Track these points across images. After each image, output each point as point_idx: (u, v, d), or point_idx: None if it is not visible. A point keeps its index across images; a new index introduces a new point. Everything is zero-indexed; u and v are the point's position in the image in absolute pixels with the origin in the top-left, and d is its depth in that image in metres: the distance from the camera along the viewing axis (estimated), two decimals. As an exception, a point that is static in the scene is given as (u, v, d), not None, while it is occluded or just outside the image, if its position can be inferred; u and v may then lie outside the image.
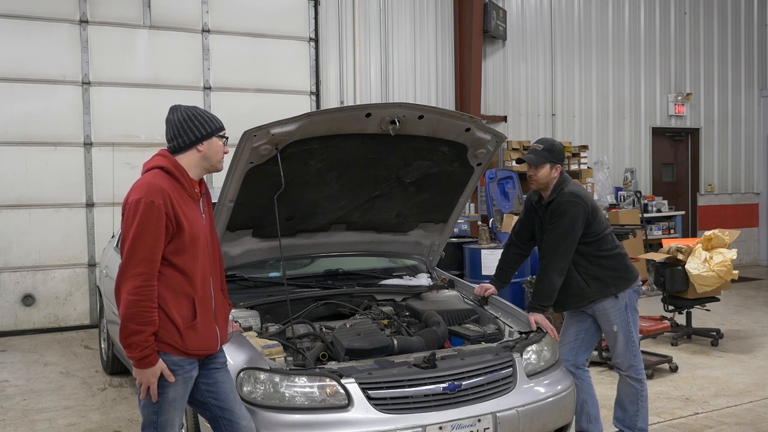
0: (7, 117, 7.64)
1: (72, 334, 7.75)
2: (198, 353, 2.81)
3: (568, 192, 3.81)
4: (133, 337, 2.61)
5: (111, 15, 8.01)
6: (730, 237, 6.53)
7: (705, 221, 12.25)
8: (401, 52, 9.69)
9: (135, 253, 2.62)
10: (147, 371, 2.67)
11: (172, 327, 2.71)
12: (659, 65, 11.86)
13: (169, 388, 2.75)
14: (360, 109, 3.59)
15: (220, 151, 2.90)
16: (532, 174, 3.84)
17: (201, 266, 2.83)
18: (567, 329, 4.13)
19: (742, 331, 7.37)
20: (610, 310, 3.91)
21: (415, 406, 3.10)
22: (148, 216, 2.64)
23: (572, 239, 3.78)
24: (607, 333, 3.99)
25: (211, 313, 2.88)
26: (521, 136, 10.51)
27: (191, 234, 2.77)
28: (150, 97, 8.08)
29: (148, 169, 2.83)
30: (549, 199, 3.87)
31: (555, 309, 4.12)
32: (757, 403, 5.11)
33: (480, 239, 7.90)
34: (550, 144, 3.89)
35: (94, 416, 4.95)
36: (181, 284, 2.75)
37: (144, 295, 2.61)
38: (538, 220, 3.98)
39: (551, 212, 3.82)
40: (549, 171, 3.83)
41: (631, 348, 3.95)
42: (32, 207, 7.78)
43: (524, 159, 3.87)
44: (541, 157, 3.82)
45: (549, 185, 3.87)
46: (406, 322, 4.01)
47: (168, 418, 2.78)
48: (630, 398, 4.01)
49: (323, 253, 4.54)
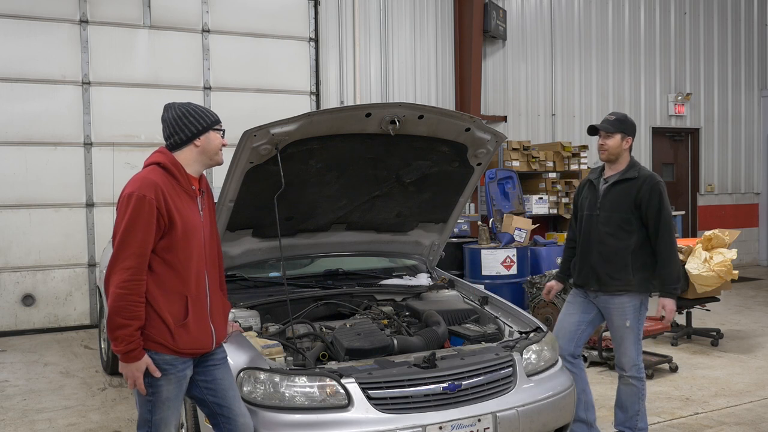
0: (7, 117, 7.64)
1: (72, 334, 7.75)
2: (190, 352, 2.79)
3: (650, 172, 3.92)
4: (118, 330, 2.61)
5: (111, 15, 8.01)
6: (730, 237, 6.53)
7: (705, 221, 12.25)
8: (401, 52, 9.70)
9: (125, 247, 2.63)
10: (132, 365, 2.66)
11: (163, 326, 2.70)
12: (659, 65, 11.86)
13: (162, 387, 2.74)
14: (360, 109, 3.59)
15: (218, 144, 2.89)
16: (603, 143, 3.90)
17: (195, 264, 2.81)
18: (568, 318, 4.09)
19: (742, 331, 7.37)
20: (628, 305, 3.89)
21: (415, 406, 3.10)
22: (139, 210, 2.64)
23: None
24: (616, 328, 3.93)
25: (206, 311, 2.85)
26: (521, 136, 10.51)
27: (185, 230, 2.75)
28: (150, 97, 8.08)
29: (145, 165, 2.83)
30: (624, 176, 3.89)
31: (576, 280, 4.08)
32: (757, 403, 5.11)
33: (480, 239, 7.91)
34: (623, 115, 3.97)
35: (94, 416, 4.95)
36: (173, 282, 2.73)
37: (131, 289, 2.61)
38: (593, 197, 3.98)
39: (650, 191, 3.81)
40: (620, 141, 3.89)
41: (638, 346, 3.96)
42: (32, 207, 7.78)
43: (597, 126, 3.93)
44: (614, 126, 3.88)
45: (618, 158, 3.92)
46: (406, 322, 4.02)
47: (162, 417, 2.77)
48: (632, 399, 3.99)
49: (323, 253, 4.54)
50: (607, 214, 3.90)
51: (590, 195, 4.03)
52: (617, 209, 3.88)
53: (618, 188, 3.90)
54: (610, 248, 3.88)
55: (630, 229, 3.86)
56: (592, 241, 3.95)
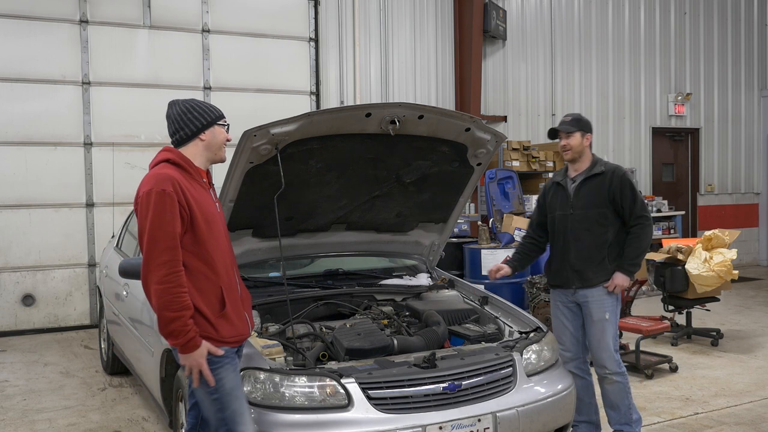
0: (7, 117, 7.64)
1: (72, 334, 7.75)
2: (234, 341, 2.82)
3: (614, 165, 4.04)
4: (172, 324, 2.61)
5: (111, 15, 8.01)
6: (730, 237, 6.53)
7: (705, 221, 12.25)
8: (401, 52, 9.69)
9: (156, 243, 2.62)
10: (194, 354, 2.66)
11: (203, 319, 2.71)
12: (659, 65, 11.86)
13: (224, 377, 2.75)
14: (360, 109, 3.59)
15: (222, 139, 2.92)
16: (566, 143, 3.98)
17: (221, 253, 2.83)
18: (566, 325, 4.10)
19: (742, 331, 7.37)
20: (606, 297, 3.95)
21: (415, 405, 3.10)
22: (162, 204, 2.64)
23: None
24: (595, 322, 3.96)
25: (238, 299, 2.90)
26: (521, 136, 10.51)
27: (206, 221, 2.77)
28: (150, 97, 8.07)
29: (154, 164, 2.84)
30: (592, 172, 3.98)
31: (553, 281, 4.16)
32: (757, 403, 5.11)
33: (480, 239, 7.90)
34: (578, 115, 4.09)
35: (94, 416, 4.95)
36: (206, 274, 2.75)
37: (173, 281, 2.61)
38: (563, 197, 4.04)
39: (621, 183, 3.91)
40: (581, 139, 3.98)
41: (616, 339, 4.01)
42: (32, 207, 7.78)
43: (557, 128, 4.03)
44: (572, 126, 3.98)
45: (582, 155, 4.00)
46: (406, 322, 4.02)
47: (234, 409, 2.77)
48: (620, 396, 4.01)
49: (323, 253, 4.54)
50: (582, 211, 3.97)
51: (560, 196, 4.09)
52: (592, 205, 3.95)
53: (589, 185, 3.98)
54: (588, 244, 3.95)
55: (606, 223, 3.94)
56: (568, 241, 4.00)
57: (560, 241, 4.05)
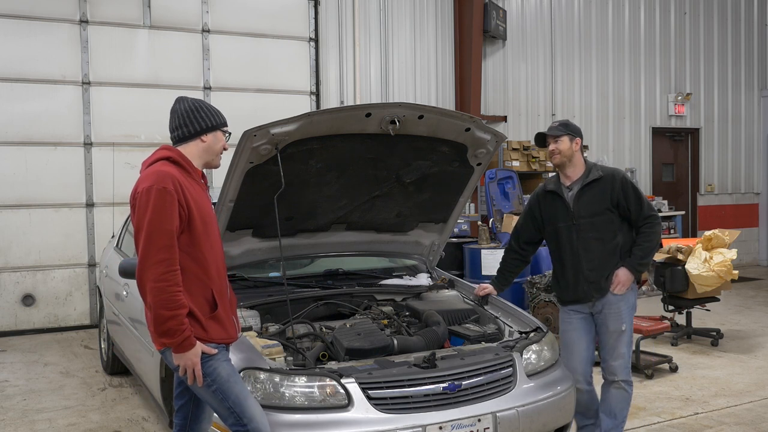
0: (7, 117, 7.64)
1: (72, 334, 7.75)
2: (222, 343, 2.82)
3: (611, 168, 3.96)
4: (168, 323, 2.61)
5: (111, 15, 8.01)
6: (730, 237, 6.53)
7: (705, 221, 12.25)
8: (401, 52, 9.69)
9: (153, 241, 2.61)
10: (189, 353, 2.67)
11: (193, 321, 2.71)
12: (659, 65, 11.86)
13: (217, 368, 2.75)
14: (360, 109, 3.59)
15: (222, 145, 2.92)
16: (555, 147, 3.85)
17: (215, 255, 2.84)
18: (578, 342, 3.93)
19: (742, 331, 7.37)
20: (624, 306, 3.85)
21: (415, 405, 3.10)
22: (162, 202, 2.63)
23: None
24: (611, 332, 3.85)
25: (227, 302, 2.90)
26: (521, 136, 10.51)
27: (203, 221, 2.77)
28: (150, 97, 8.08)
29: (152, 162, 2.81)
30: (590, 178, 3.84)
31: (567, 297, 3.97)
32: (757, 403, 5.11)
33: (480, 239, 7.90)
34: (566, 120, 4.00)
35: (94, 416, 4.95)
36: (197, 276, 2.74)
37: (169, 280, 2.61)
38: (562, 207, 3.89)
39: (623, 187, 3.81)
40: (569, 143, 3.85)
41: (630, 349, 3.94)
42: (32, 207, 7.78)
43: (545, 133, 3.92)
44: (560, 130, 3.87)
45: (573, 160, 3.87)
46: (406, 322, 4.01)
47: (236, 393, 2.78)
48: (622, 404, 3.94)
49: (323, 253, 4.54)
50: (587, 220, 3.82)
51: (557, 206, 3.92)
52: (596, 213, 3.81)
53: (589, 192, 3.83)
54: (599, 253, 3.82)
55: (614, 228, 3.83)
56: (577, 252, 3.84)
57: (568, 254, 3.88)
